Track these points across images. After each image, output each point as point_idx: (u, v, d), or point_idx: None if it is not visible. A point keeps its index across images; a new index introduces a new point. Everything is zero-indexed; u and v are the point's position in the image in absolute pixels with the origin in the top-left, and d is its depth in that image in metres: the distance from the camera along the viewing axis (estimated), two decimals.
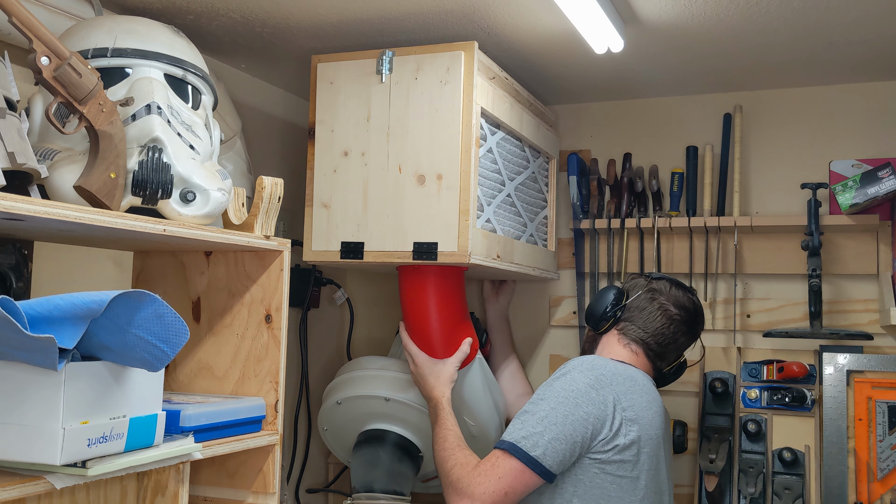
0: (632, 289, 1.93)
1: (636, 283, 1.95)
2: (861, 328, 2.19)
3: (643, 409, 1.73)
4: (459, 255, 1.79)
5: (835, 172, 2.26)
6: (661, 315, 1.88)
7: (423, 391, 1.97)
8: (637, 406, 1.72)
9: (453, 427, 1.86)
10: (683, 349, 1.94)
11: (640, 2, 1.73)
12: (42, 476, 1.03)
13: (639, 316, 1.89)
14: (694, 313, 1.92)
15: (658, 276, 1.96)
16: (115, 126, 1.24)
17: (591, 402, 1.67)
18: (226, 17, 1.83)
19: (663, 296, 1.90)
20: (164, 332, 1.09)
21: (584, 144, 2.53)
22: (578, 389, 1.69)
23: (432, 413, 1.93)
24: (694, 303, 1.93)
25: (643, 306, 1.89)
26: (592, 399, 1.68)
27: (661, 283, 1.93)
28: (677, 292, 1.91)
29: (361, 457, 2.10)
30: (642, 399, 1.74)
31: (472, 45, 1.81)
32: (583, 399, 1.68)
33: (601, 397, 1.69)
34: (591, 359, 1.80)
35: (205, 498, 1.53)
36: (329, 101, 1.92)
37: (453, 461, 1.74)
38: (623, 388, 1.73)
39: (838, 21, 1.81)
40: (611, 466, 1.67)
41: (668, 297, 1.90)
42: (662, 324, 1.88)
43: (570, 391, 1.69)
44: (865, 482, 2.06)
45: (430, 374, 1.95)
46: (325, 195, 1.91)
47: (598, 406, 1.68)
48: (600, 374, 1.73)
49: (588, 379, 1.71)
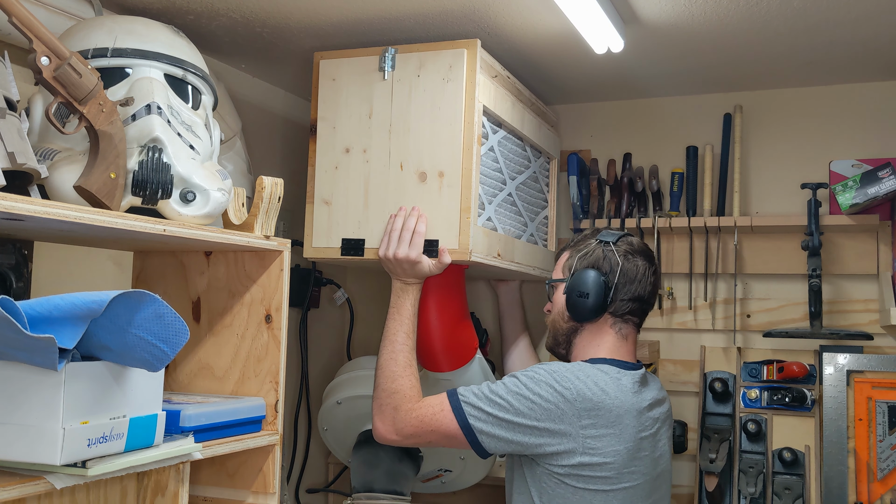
0: (603, 264, 1.78)
1: (601, 254, 1.79)
2: (861, 328, 2.19)
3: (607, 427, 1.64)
4: (460, 252, 1.79)
5: (835, 172, 2.26)
6: (646, 278, 1.79)
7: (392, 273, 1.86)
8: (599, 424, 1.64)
9: (408, 339, 1.78)
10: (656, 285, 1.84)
11: (640, 2, 1.73)
12: (42, 476, 1.03)
13: (626, 290, 1.78)
14: (652, 256, 1.83)
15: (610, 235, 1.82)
16: (115, 126, 1.24)
17: (548, 415, 1.63)
18: (226, 17, 1.83)
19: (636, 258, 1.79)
20: (164, 332, 1.09)
21: (584, 144, 2.53)
22: (542, 396, 1.64)
23: (396, 299, 1.83)
24: (640, 241, 1.84)
25: (630, 278, 1.77)
26: (550, 412, 1.63)
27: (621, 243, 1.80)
28: (636, 242, 1.82)
29: (361, 457, 2.09)
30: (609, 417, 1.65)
31: (475, 43, 1.81)
32: (542, 407, 1.63)
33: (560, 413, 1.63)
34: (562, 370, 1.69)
35: (205, 498, 1.53)
36: (331, 98, 1.92)
37: (397, 385, 1.73)
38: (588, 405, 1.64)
39: (838, 21, 1.81)
40: (571, 479, 1.64)
41: (638, 255, 1.79)
42: (646, 287, 1.79)
43: (533, 395, 1.64)
44: (865, 482, 2.06)
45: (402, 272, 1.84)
46: (326, 192, 1.91)
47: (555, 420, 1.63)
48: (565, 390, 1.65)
49: (552, 392, 1.64)
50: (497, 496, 2.48)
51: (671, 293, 2.38)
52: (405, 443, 1.73)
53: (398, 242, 1.79)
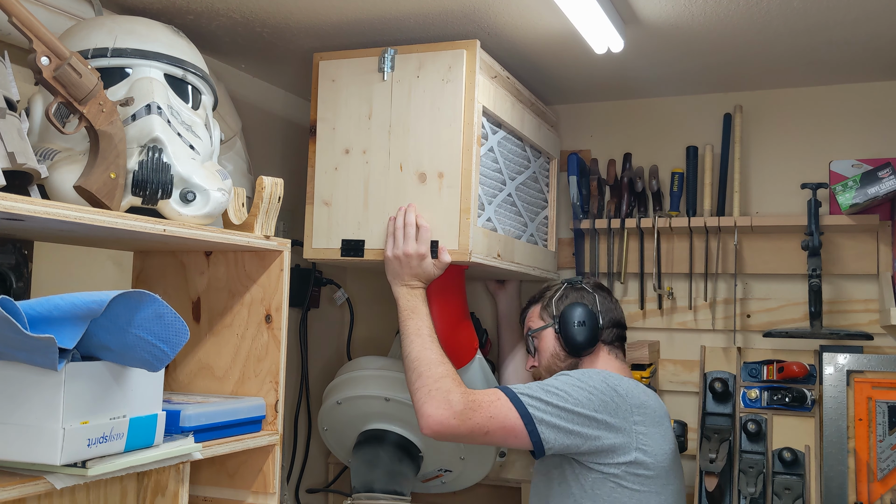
0: (582, 301, 1.91)
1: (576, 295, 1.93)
2: (861, 328, 2.19)
3: (654, 425, 1.72)
4: (460, 253, 1.79)
5: (835, 172, 2.26)
6: (605, 300, 1.93)
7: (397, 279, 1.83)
8: (648, 421, 1.71)
9: (433, 334, 1.77)
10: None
11: (640, 2, 1.73)
12: (42, 476, 1.03)
13: (605, 311, 1.91)
14: (600, 285, 1.99)
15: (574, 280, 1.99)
16: (115, 126, 1.24)
17: (605, 407, 1.66)
18: (226, 17, 1.83)
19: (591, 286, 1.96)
20: (164, 332, 1.09)
21: (584, 144, 2.53)
22: (597, 389, 1.68)
23: (406, 302, 1.80)
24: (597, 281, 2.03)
25: (605, 309, 1.92)
26: (606, 404, 1.67)
27: (584, 283, 1.96)
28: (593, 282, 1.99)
29: (361, 457, 2.10)
30: (655, 416, 1.73)
31: (475, 44, 1.81)
32: (599, 400, 1.66)
33: (615, 406, 1.67)
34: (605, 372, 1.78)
35: (205, 498, 1.53)
36: (331, 99, 1.92)
37: (444, 370, 1.67)
38: (636, 402, 1.71)
39: (838, 21, 1.81)
40: (627, 480, 1.66)
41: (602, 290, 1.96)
42: (611, 304, 1.94)
43: (588, 388, 1.67)
44: (865, 482, 2.06)
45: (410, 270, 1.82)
46: (325, 193, 1.91)
47: (612, 413, 1.66)
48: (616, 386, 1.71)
49: (606, 386, 1.70)
50: (497, 496, 2.48)
51: (671, 293, 2.38)
52: (462, 430, 1.60)
53: (404, 239, 1.79)
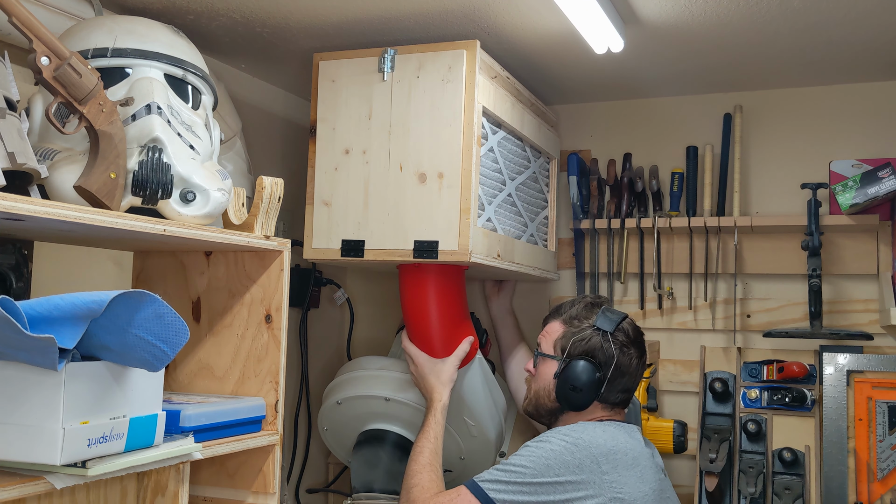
0: (598, 353, 1.78)
1: (597, 343, 1.78)
2: (861, 328, 2.19)
3: (627, 469, 1.63)
4: (460, 253, 1.79)
5: (835, 172, 2.26)
6: (636, 369, 1.80)
7: (423, 391, 1.97)
8: (620, 467, 1.63)
9: (434, 440, 1.85)
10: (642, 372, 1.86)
11: (640, 2, 1.73)
12: (42, 476, 1.03)
13: (619, 381, 1.78)
14: (640, 338, 1.84)
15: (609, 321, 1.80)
16: (115, 126, 1.24)
17: (566, 467, 1.60)
18: (226, 17, 1.83)
19: (629, 349, 1.79)
20: (164, 332, 1.09)
21: (584, 144, 2.53)
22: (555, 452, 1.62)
23: (425, 413, 1.93)
24: (636, 327, 1.84)
25: (622, 372, 1.77)
26: (568, 463, 1.60)
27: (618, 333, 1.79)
28: (629, 327, 1.81)
29: (361, 457, 2.10)
30: (626, 459, 1.65)
31: (475, 44, 1.81)
32: (557, 463, 1.60)
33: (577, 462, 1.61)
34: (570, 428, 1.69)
35: (205, 498, 1.53)
36: (331, 99, 1.92)
37: (417, 480, 1.75)
38: (603, 451, 1.63)
39: (838, 21, 1.81)
40: None
41: (633, 346, 1.80)
42: (636, 375, 1.81)
43: (547, 453, 1.62)
44: (865, 482, 2.06)
45: (430, 374, 1.95)
46: (325, 193, 1.91)
47: (574, 472, 1.60)
48: (578, 440, 1.64)
49: (566, 446, 1.63)
50: None
51: (671, 293, 2.38)
52: None
53: None
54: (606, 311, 1.83)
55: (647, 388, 2.25)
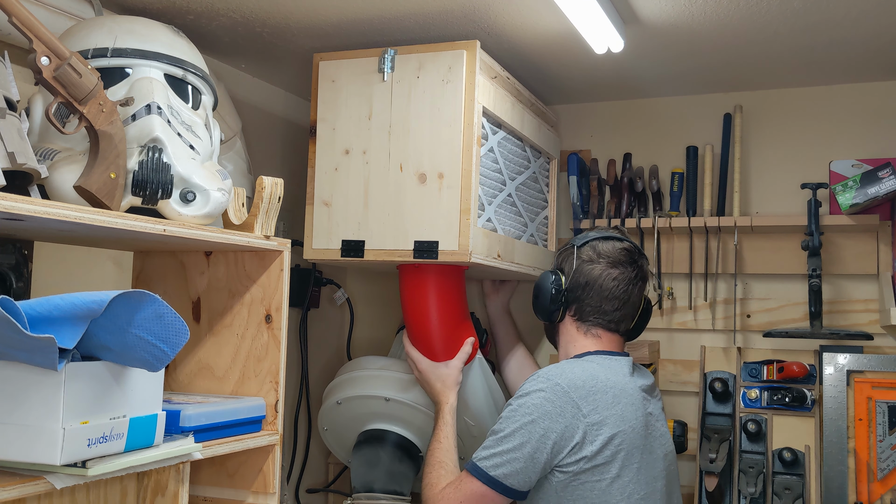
0: (564, 264, 1.84)
1: (566, 257, 1.85)
2: (861, 328, 2.19)
3: (607, 409, 1.66)
4: (460, 253, 1.79)
5: (835, 172, 2.26)
6: (608, 281, 1.79)
7: (430, 396, 1.98)
8: (601, 409, 1.66)
9: (445, 440, 1.86)
10: (642, 295, 1.87)
11: (640, 2, 1.73)
12: (42, 476, 1.03)
13: (588, 294, 1.80)
14: (631, 261, 1.82)
15: (582, 239, 1.85)
16: (115, 126, 1.24)
17: (549, 417, 1.64)
18: (226, 17, 1.83)
19: (598, 261, 1.80)
20: (164, 332, 1.09)
21: (584, 144, 2.53)
22: (535, 405, 1.65)
23: (434, 417, 1.94)
24: (626, 249, 1.82)
25: (585, 281, 1.80)
26: (549, 413, 1.64)
27: (586, 248, 1.82)
28: (606, 246, 1.81)
29: (361, 457, 2.10)
30: (605, 399, 1.67)
31: (475, 44, 1.81)
32: (540, 414, 1.64)
33: (558, 410, 1.64)
34: (548, 371, 1.72)
35: (205, 498, 1.53)
36: (331, 100, 1.92)
37: (428, 478, 1.77)
38: (582, 393, 1.66)
39: (838, 21, 1.81)
40: (585, 475, 1.64)
41: (602, 258, 1.80)
42: (612, 289, 1.79)
43: (528, 409, 1.66)
44: (865, 482, 2.06)
45: (436, 380, 1.96)
46: (325, 193, 1.91)
47: (557, 420, 1.64)
48: (555, 386, 1.67)
49: (545, 395, 1.66)
50: None
51: (671, 293, 2.38)
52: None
53: None
54: (592, 230, 1.91)
55: None
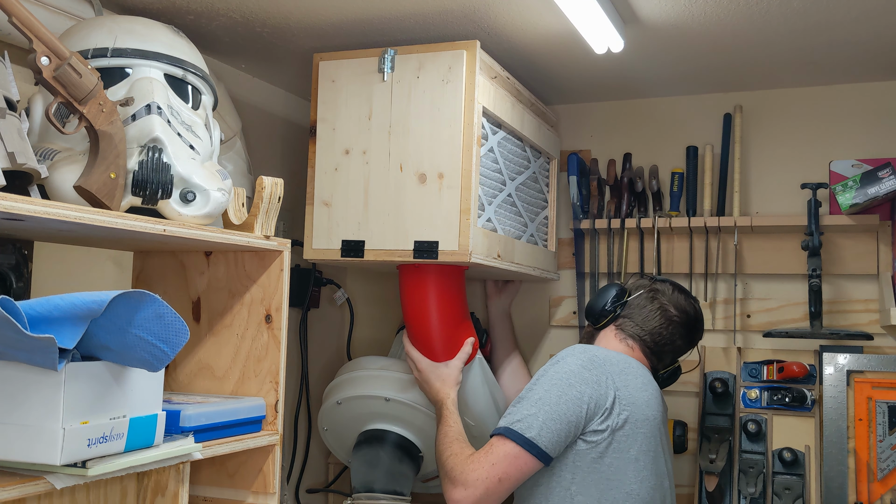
0: (634, 288, 1.95)
1: (639, 283, 1.97)
2: (861, 328, 2.19)
3: (637, 391, 1.73)
4: (460, 254, 1.79)
5: (835, 172, 2.26)
6: (660, 315, 1.89)
7: (429, 395, 1.97)
8: (631, 387, 1.72)
9: (455, 424, 1.86)
10: (680, 353, 1.95)
11: (640, 2, 1.73)
12: (42, 476, 1.03)
13: (638, 313, 1.90)
14: (694, 318, 1.94)
15: (661, 278, 1.98)
16: (115, 126, 1.24)
17: (585, 382, 1.68)
18: (226, 17, 1.83)
19: (664, 297, 1.91)
20: (164, 332, 1.09)
21: (584, 144, 2.53)
22: (571, 371, 1.70)
23: (437, 415, 1.93)
24: (695, 308, 1.95)
25: (643, 304, 1.91)
26: (585, 379, 1.68)
27: (664, 285, 1.95)
28: (679, 296, 1.93)
29: (361, 457, 2.10)
30: (636, 381, 1.74)
31: (475, 45, 1.81)
32: (576, 379, 1.68)
33: (594, 377, 1.69)
34: (584, 346, 1.81)
35: (205, 498, 1.53)
36: (331, 100, 1.92)
37: (449, 452, 1.74)
38: (616, 369, 1.73)
39: (838, 21, 1.81)
40: (606, 449, 1.67)
41: (670, 298, 1.91)
42: (661, 324, 1.89)
43: (563, 373, 1.69)
44: (865, 482, 2.06)
45: (436, 379, 1.95)
46: (326, 193, 1.91)
47: (592, 385, 1.68)
48: (593, 356, 1.74)
49: (580, 361, 1.72)
50: None
51: None
52: (479, 493, 1.64)
53: None
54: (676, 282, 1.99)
55: None
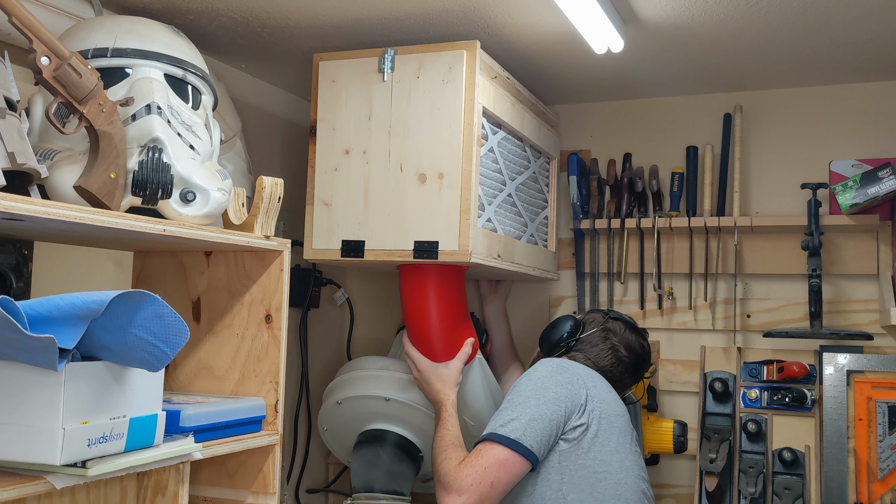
0: (588, 323, 2.02)
1: (594, 318, 2.04)
2: (861, 328, 2.19)
3: (603, 392, 1.81)
4: (460, 254, 1.79)
5: (835, 172, 2.26)
6: (612, 355, 1.97)
7: (429, 396, 1.97)
8: (598, 388, 1.81)
9: (452, 428, 1.87)
10: (626, 389, 2.03)
11: (640, 2, 1.73)
12: (42, 476, 1.03)
13: (590, 350, 1.98)
14: (641, 358, 2.01)
15: (616, 315, 2.04)
16: (115, 126, 1.24)
17: (559, 384, 1.75)
18: (226, 17, 1.83)
19: (616, 336, 1.99)
20: (164, 332, 1.09)
21: (584, 144, 2.53)
22: (544, 376, 1.77)
23: (436, 416, 1.94)
24: (644, 347, 2.03)
25: (595, 342, 1.99)
26: (559, 381, 1.76)
27: (617, 323, 2.02)
28: (630, 335, 2.01)
29: (361, 457, 2.10)
30: (601, 384, 1.84)
31: (475, 45, 1.81)
32: (550, 382, 1.75)
33: (566, 379, 1.77)
34: (550, 358, 1.90)
35: (205, 498, 1.53)
36: (331, 100, 1.92)
37: (442, 458, 1.76)
38: (583, 372, 1.83)
39: (838, 21, 1.81)
40: (589, 444, 1.72)
41: (621, 338, 1.99)
42: (611, 363, 1.97)
43: (537, 379, 1.76)
44: (865, 482, 2.06)
45: (436, 379, 1.96)
46: (325, 193, 1.91)
47: (566, 386, 1.75)
48: (560, 363, 1.83)
49: (551, 367, 1.80)
50: None
51: (671, 293, 2.38)
52: (473, 497, 1.66)
53: None
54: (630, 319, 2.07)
55: (647, 389, 2.25)
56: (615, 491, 1.71)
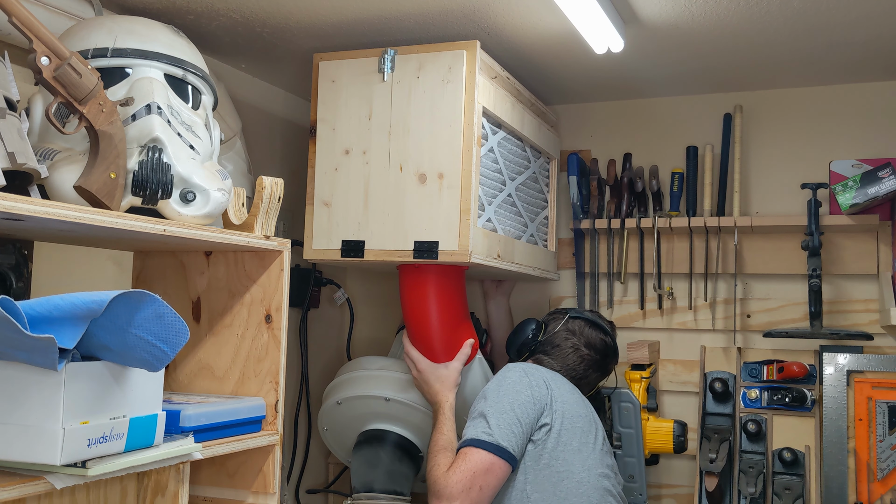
0: (550, 324, 2.09)
1: (555, 318, 2.10)
2: (861, 328, 2.19)
3: (567, 394, 1.87)
4: (460, 254, 1.79)
5: (835, 172, 2.26)
6: (574, 354, 2.03)
7: (427, 397, 1.98)
8: (562, 390, 1.87)
9: (447, 432, 1.89)
10: (595, 384, 2.10)
11: (640, 2, 1.73)
12: (42, 476, 1.03)
13: (553, 351, 2.05)
14: (604, 353, 2.06)
15: (577, 314, 2.10)
16: (115, 126, 1.24)
17: (528, 386, 1.82)
18: (226, 17, 1.83)
19: (576, 336, 2.05)
20: (164, 332, 1.09)
21: (584, 144, 2.53)
22: (513, 380, 1.84)
23: (433, 417, 1.94)
24: (605, 343, 2.07)
25: (557, 343, 2.05)
26: (527, 384, 1.83)
27: (577, 322, 2.07)
28: (591, 332, 2.06)
29: (361, 457, 2.10)
30: (565, 386, 1.91)
31: (475, 45, 1.81)
32: (520, 385, 1.82)
33: (533, 381, 1.84)
34: (516, 363, 1.95)
35: (205, 498, 1.53)
36: (331, 100, 1.92)
37: (433, 463, 1.80)
38: (548, 375, 1.89)
39: (838, 21, 1.81)
40: (551, 444, 1.78)
41: (581, 337, 2.05)
42: (574, 361, 2.03)
43: (507, 384, 1.83)
44: (865, 482, 2.06)
45: (435, 380, 1.96)
46: (325, 193, 1.91)
47: (533, 388, 1.82)
48: (526, 367, 1.89)
49: (517, 371, 1.86)
50: None
51: (671, 293, 2.38)
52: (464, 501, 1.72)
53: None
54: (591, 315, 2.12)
55: (647, 388, 2.25)
56: (577, 489, 1.78)
